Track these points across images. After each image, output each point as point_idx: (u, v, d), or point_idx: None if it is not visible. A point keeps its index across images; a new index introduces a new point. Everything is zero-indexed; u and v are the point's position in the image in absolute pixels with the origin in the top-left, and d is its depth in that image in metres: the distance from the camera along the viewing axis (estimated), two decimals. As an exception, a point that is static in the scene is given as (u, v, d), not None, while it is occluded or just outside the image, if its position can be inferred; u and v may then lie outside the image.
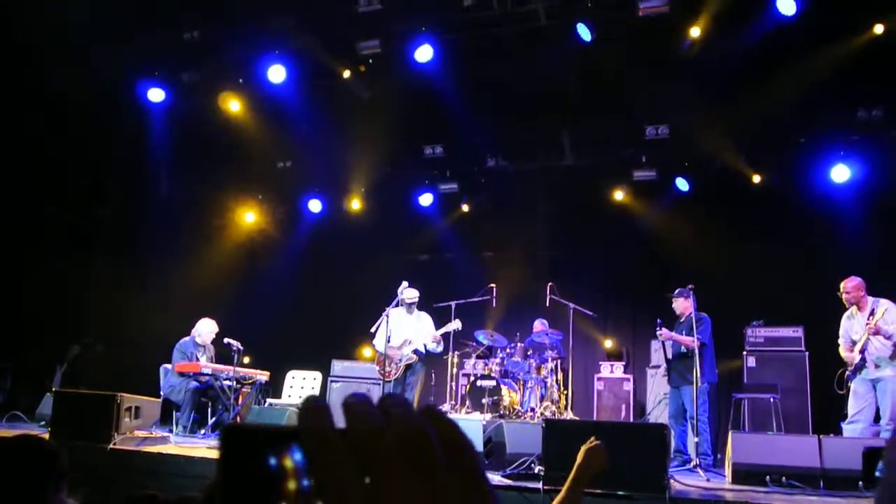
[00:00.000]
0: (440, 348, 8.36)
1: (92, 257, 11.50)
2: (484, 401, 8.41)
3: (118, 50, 9.43)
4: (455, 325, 8.35)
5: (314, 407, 0.44)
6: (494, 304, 9.11)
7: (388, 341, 7.99)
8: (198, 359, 8.67)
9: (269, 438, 0.44)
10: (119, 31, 9.10)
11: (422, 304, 8.61)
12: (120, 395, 6.64)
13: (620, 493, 5.18)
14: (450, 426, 0.46)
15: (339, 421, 0.44)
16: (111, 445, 6.38)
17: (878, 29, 8.27)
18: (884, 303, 6.77)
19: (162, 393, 8.49)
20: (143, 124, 10.72)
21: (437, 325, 8.35)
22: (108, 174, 11.48)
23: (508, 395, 8.61)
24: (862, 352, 6.78)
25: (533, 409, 8.65)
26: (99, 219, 11.54)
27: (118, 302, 10.94)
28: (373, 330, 8.03)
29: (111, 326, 10.72)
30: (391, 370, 8.06)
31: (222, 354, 8.92)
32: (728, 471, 6.20)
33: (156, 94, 10.34)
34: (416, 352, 8.17)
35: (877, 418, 6.72)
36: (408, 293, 8.24)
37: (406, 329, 8.20)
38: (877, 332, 6.65)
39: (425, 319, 8.39)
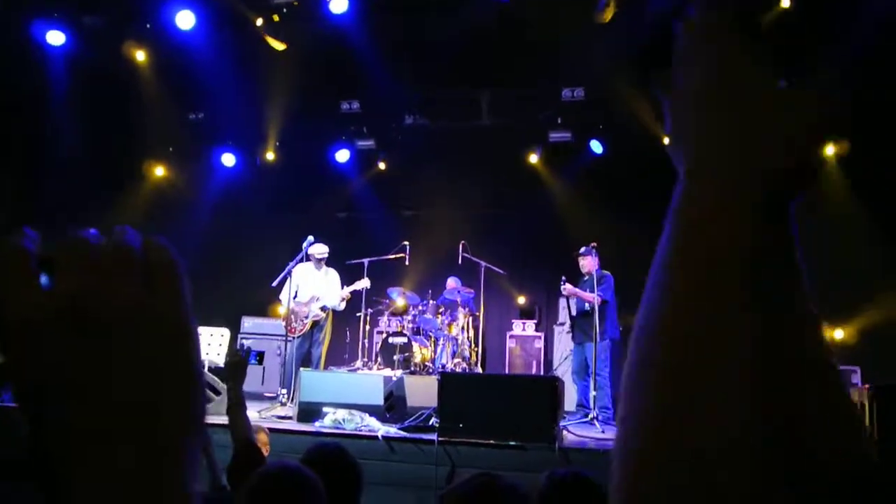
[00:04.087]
0: (343, 305, 8.35)
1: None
2: (395, 357, 8.45)
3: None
4: (364, 283, 8.33)
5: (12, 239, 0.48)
6: (408, 262, 9.10)
7: (295, 297, 7.91)
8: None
9: None
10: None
11: (337, 262, 8.53)
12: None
13: (512, 443, 5.33)
14: (160, 248, 0.49)
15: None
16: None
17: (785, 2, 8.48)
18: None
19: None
20: (42, 71, 10.13)
21: (345, 283, 8.32)
22: (5, 127, 10.80)
23: (420, 352, 8.67)
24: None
25: (444, 366, 8.75)
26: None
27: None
28: (275, 284, 7.92)
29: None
30: (297, 326, 7.99)
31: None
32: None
33: (55, 37, 9.75)
34: (323, 308, 8.12)
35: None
36: (317, 248, 8.15)
37: (314, 285, 8.13)
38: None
39: (333, 276, 8.33)
